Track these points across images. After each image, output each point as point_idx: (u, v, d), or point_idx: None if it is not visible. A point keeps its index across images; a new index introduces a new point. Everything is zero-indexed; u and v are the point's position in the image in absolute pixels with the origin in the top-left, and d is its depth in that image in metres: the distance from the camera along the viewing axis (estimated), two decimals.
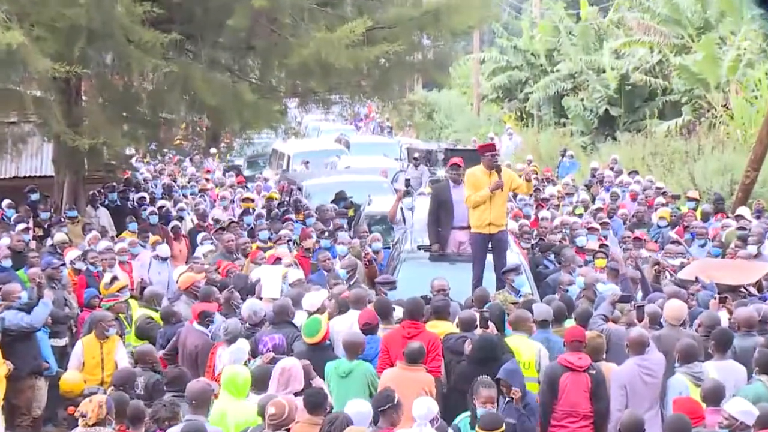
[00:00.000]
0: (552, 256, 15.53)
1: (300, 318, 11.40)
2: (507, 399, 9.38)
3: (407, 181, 17.08)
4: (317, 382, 9.23)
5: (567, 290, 12.80)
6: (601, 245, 15.68)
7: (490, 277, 13.12)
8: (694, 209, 18.90)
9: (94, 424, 8.33)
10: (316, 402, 8.53)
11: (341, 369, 10.09)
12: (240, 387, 9.29)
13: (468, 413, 8.74)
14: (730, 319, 11.21)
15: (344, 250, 15.30)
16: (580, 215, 18.98)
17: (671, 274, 14.24)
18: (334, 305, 11.70)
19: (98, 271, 14.81)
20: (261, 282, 13.08)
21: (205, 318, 11.69)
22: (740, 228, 16.54)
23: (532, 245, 16.51)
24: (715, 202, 20.60)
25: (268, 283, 12.89)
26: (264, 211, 19.75)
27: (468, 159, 15.77)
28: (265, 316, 11.63)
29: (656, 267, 14.14)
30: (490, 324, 10.58)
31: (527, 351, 10.46)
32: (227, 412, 9.13)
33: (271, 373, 9.48)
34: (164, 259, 16.24)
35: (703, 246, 16.40)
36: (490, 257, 13.34)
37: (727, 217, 18.54)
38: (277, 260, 14.37)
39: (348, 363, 10.14)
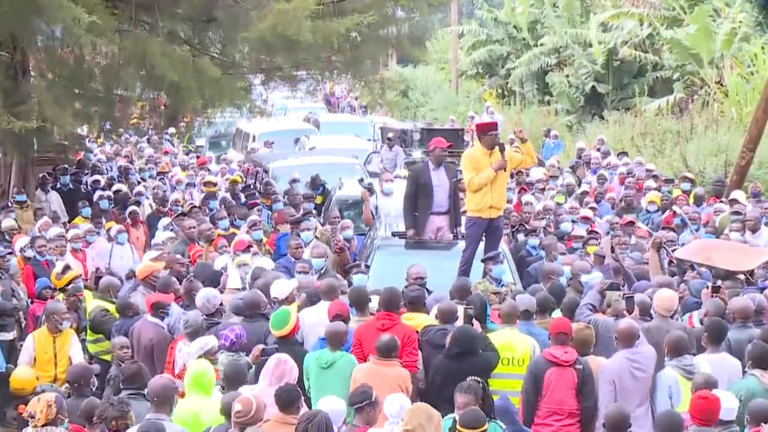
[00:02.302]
0: (537, 242, 15.59)
1: None
2: None
3: (369, 184, 17.08)
4: None
5: (558, 280, 12.82)
6: (590, 231, 15.75)
7: (478, 265, 13.14)
8: (689, 192, 19.00)
9: (44, 425, 8.32)
10: (288, 399, 8.53)
11: (323, 360, 10.09)
12: (209, 384, 9.30)
13: (453, 414, 8.76)
14: (724, 309, 11.28)
15: (309, 236, 15.25)
16: (560, 204, 18.91)
17: (667, 251, 14.22)
18: (305, 298, 11.71)
19: (47, 260, 14.75)
20: (227, 272, 13.10)
21: (158, 309, 11.68)
22: (735, 213, 16.65)
23: (513, 231, 16.56)
24: (714, 184, 20.72)
25: (234, 273, 12.88)
26: (229, 195, 19.71)
27: (446, 139, 15.82)
28: (221, 305, 11.65)
29: (656, 243, 14.04)
30: (475, 322, 10.60)
31: (521, 346, 10.46)
32: (200, 411, 9.12)
33: (244, 369, 9.49)
34: (122, 242, 16.27)
35: (696, 232, 16.50)
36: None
37: (721, 201, 18.67)
38: (248, 247, 14.37)
39: (330, 354, 10.15)
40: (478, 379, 8.85)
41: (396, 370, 9.97)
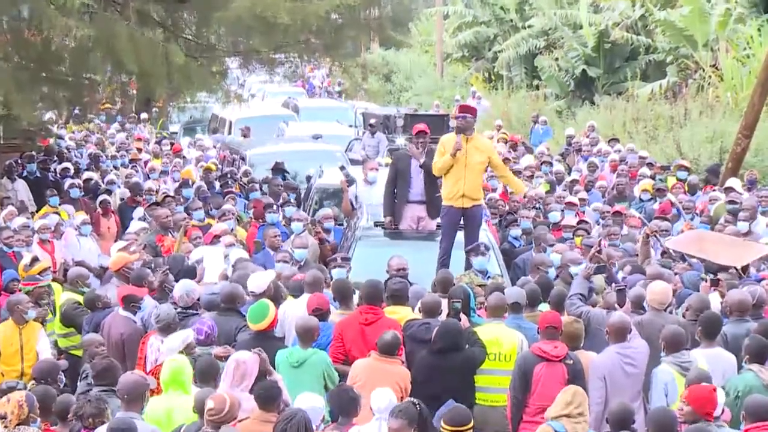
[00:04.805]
0: (519, 232, 15.57)
1: None
2: None
3: (348, 174, 17.01)
4: (276, 375, 9.25)
5: (547, 272, 12.81)
6: (580, 221, 15.73)
7: (460, 256, 13.14)
8: (685, 181, 18.97)
9: (16, 425, 8.29)
10: (268, 396, 8.54)
11: (294, 358, 10.06)
12: (186, 381, 9.27)
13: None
14: (722, 302, 11.27)
15: (299, 227, 15.21)
16: (546, 193, 18.82)
17: (659, 240, 14.16)
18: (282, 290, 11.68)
19: (14, 252, 14.68)
20: (203, 264, 13.04)
21: (130, 303, 11.62)
22: (730, 201, 16.67)
23: (500, 221, 16.55)
24: (709, 171, 20.73)
25: (210, 265, 12.84)
26: (203, 184, 19.64)
27: (430, 125, 15.79)
28: (199, 299, 11.62)
29: (646, 237, 13.97)
30: (463, 316, 10.59)
31: (507, 341, 10.45)
32: (174, 409, 9.08)
33: (216, 364, 9.46)
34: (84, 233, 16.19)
35: (690, 221, 16.50)
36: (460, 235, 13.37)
37: (714, 189, 18.67)
38: (215, 238, 14.31)
39: (301, 351, 10.12)
40: (416, 401, 8.63)
41: (396, 368, 10.02)
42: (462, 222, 13.44)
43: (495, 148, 13.87)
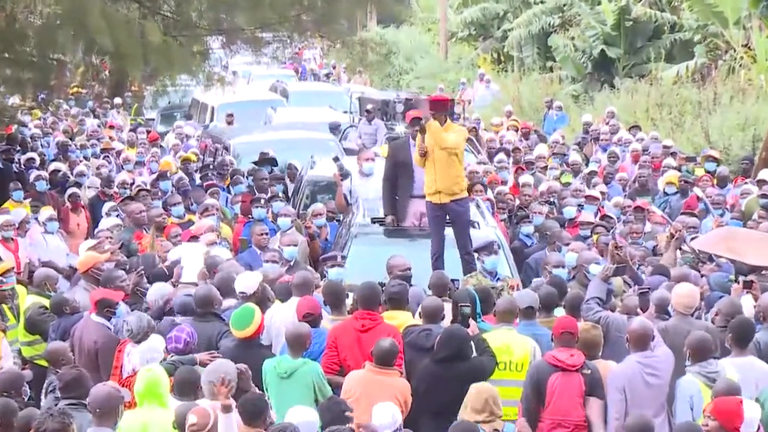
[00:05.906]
0: (530, 229, 15.58)
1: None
2: None
3: (342, 166, 17.01)
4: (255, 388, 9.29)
5: (551, 272, 12.81)
6: (603, 217, 15.72)
7: (455, 256, 13.16)
8: (713, 173, 18.96)
9: None
10: (255, 410, 8.56)
11: (282, 368, 10.08)
12: (164, 393, 9.27)
13: None
14: (755, 306, 11.26)
15: (286, 223, 15.22)
16: (568, 185, 18.83)
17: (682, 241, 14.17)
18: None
19: None
20: (181, 264, 13.06)
21: (104, 308, 11.60)
22: (763, 195, 16.68)
23: (509, 216, 16.55)
24: (740, 163, 20.72)
25: (189, 265, 12.85)
26: (183, 176, 19.63)
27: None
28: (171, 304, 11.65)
29: (671, 237, 13.95)
30: (472, 322, 10.59)
31: (519, 349, 10.47)
32: (150, 424, 9.09)
33: (197, 374, 9.47)
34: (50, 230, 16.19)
35: (720, 217, 16.51)
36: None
37: (746, 181, 18.66)
38: (193, 237, 14.31)
39: (291, 360, 10.13)
40: (353, 427, 8.67)
41: (395, 380, 10.04)
42: (448, 219, 13.46)
43: (461, 140, 13.63)
